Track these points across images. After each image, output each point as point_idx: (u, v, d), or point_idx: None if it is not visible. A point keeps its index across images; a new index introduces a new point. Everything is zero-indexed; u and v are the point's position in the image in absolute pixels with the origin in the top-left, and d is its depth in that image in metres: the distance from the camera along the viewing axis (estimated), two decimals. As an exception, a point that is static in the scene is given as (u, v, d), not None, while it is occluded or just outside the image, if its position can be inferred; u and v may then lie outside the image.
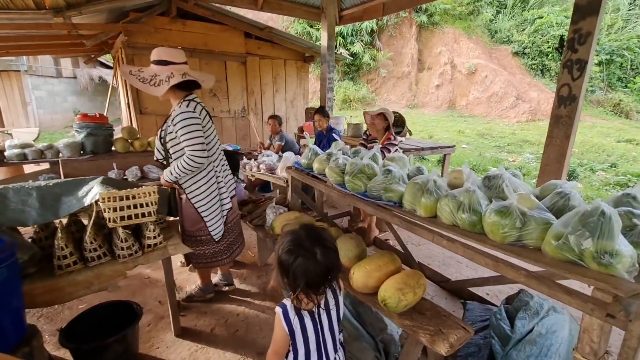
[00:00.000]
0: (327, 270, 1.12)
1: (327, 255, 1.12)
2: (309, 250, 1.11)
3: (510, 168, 5.63)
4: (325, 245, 1.14)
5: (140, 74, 1.95)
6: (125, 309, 1.76)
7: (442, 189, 1.68)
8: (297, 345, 1.18)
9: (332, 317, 1.24)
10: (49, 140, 9.59)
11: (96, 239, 1.57)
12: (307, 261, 1.09)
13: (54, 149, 3.77)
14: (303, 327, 1.17)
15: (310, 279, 1.09)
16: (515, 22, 18.02)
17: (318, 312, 1.20)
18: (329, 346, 1.24)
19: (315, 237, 1.16)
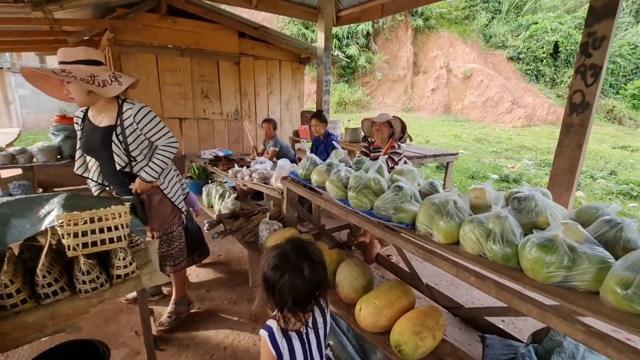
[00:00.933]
0: (315, 286, 1.06)
1: (314, 270, 1.06)
2: (296, 265, 1.04)
3: (511, 175, 5.37)
4: (313, 259, 1.08)
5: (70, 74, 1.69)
6: (91, 350, 1.48)
7: (464, 211, 1.45)
8: None
9: (320, 336, 1.18)
10: (32, 141, 9.17)
11: (51, 271, 1.29)
12: (294, 277, 1.03)
13: (27, 153, 3.46)
14: (291, 349, 1.09)
15: (298, 295, 1.03)
16: (510, 27, 18.08)
17: (306, 332, 1.14)
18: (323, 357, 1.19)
19: (302, 251, 1.09)
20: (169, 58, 5.88)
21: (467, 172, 7.13)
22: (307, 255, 1.08)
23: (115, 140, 1.86)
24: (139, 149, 1.93)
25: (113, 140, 1.86)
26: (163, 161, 1.97)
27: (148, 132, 1.91)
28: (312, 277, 1.05)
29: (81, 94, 1.79)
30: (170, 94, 6.01)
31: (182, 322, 2.17)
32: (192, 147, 6.29)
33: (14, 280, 1.22)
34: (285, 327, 1.10)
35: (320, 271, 1.09)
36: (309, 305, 1.10)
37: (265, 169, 3.12)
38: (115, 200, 1.77)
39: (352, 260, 1.78)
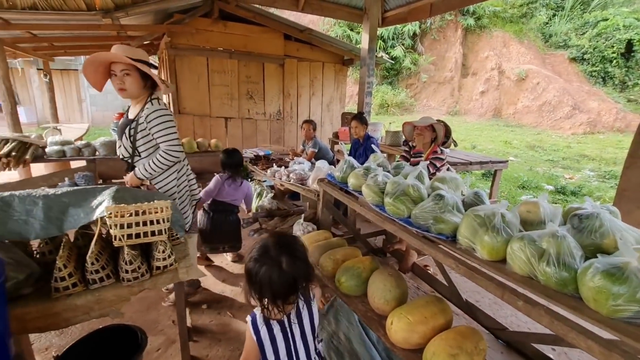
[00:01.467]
0: (293, 280, 1.08)
1: (294, 265, 1.07)
2: (274, 259, 1.08)
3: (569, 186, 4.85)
4: (294, 254, 1.10)
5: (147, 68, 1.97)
6: (130, 335, 1.58)
7: (514, 227, 1.32)
8: (266, 355, 1.15)
9: (304, 327, 1.21)
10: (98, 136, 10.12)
11: (99, 259, 1.39)
12: (271, 270, 1.06)
13: (91, 147, 3.80)
14: (272, 337, 1.15)
15: (276, 288, 1.06)
16: (574, 25, 16.51)
17: (289, 322, 1.18)
18: (302, 356, 1.20)
19: (283, 245, 1.12)
20: (219, 60, 6.17)
21: (517, 181, 6.61)
22: (287, 249, 1.10)
23: (126, 132, 2.02)
24: (145, 146, 2.02)
25: (125, 132, 2.03)
26: (157, 164, 1.97)
27: (155, 132, 1.96)
28: (290, 270, 1.06)
29: (137, 88, 1.98)
30: (218, 94, 6.30)
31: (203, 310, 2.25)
32: (235, 145, 6.51)
33: (67, 264, 1.33)
34: (267, 316, 1.14)
35: (300, 266, 1.10)
36: (289, 297, 1.11)
37: (303, 170, 3.13)
38: (159, 195, 1.87)
39: (386, 269, 1.70)
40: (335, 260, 1.93)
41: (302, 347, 1.20)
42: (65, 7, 4.46)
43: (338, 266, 1.89)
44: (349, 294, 1.78)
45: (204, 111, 6.29)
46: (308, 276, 1.14)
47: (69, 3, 4.41)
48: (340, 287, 1.79)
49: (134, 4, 4.80)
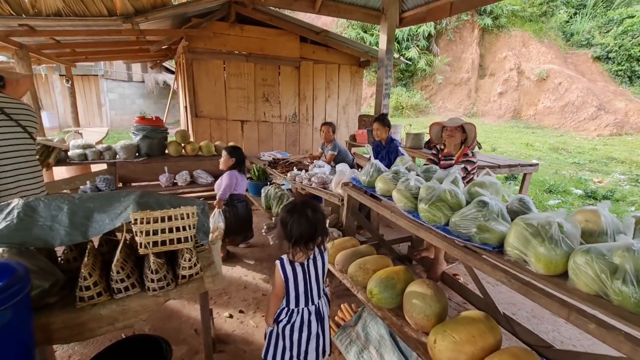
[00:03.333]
0: (315, 227, 1.44)
1: (315, 215, 1.46)
2: (302, 211, 1.45)
3: (599, 190, 4.57)
4: (315, 209, 1.49)
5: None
6: (154, 346, 1.51)
7: (574, 238, 1.19)
8: (289, 289, 1.49)
9: (318, 270, 1.55)
10: (117, 139, 10.34)
11: (124, 267, 1.33)
12: (300, 217, 1.43)
13: (112, 150, 3.82)
14: (295, 275, 1.48)
15: (303, 231, 1.42)
16: (597, 23, 15.96)
17: (307, 264, 1.51)
18: (314, 293, 1.55)
19: (307, 203, 1.51)
20: (235, 63, 6.17)
21: (543, 185, 6.34)
22: (311, 206, 1.50)
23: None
24: None
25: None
26: None
27: None
28: (313, 219, 1.45)
29: None
30: (235, 98, 6.30)
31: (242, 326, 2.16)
32: (251, 148, 6.51)
33: (92, 273, 1.28)
34: (292, 259, 1.50)
35: (320, 217, 1.49)
36: (310, 242, 1.46)
37: (325, 174, 3.03)
38: (184, 200, 1.81)
39: (423, 281, 1.59)
40: (365, 269, 1.82)
41: (315, 285, 1.56)
42: (87, 12, 4.53)
43: (369, 276, 1.79)
44: (383, 306, 1.67)
45: (221, 114, 6.30)
46: (325, 229, 1.52)
47: (91, 9, 4.48)
48: (372, 298, 1.69)
49: (154, 9, 4.84)
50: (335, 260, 2.05)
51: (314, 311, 1.55)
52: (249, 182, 3.76)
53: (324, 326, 1.61)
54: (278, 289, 1.49)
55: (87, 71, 12.09)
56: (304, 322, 1.53)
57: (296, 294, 1.49)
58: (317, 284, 1.55)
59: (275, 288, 1.50)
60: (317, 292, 1.56)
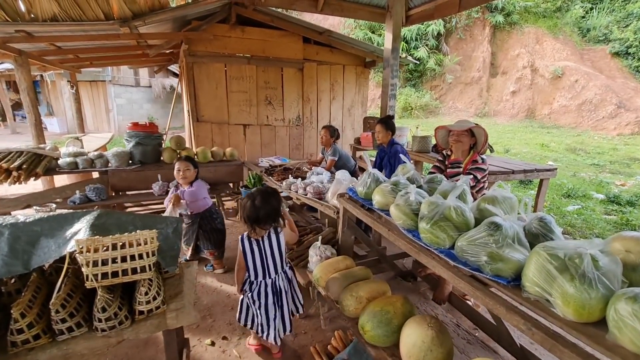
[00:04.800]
0: (259, 212, 1.74)
1: (262, 203, 1.75)
2: (253, 198, 1.77)
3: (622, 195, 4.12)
4: (265, 198, 1.77)
5: None
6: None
7: (613, 277, 0.94)
8: (247, 261, 1.81)
9: (273, 248, 1.83)
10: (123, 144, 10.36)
11: (67, 304, 1.14)
12: (251, 203, 1.76)
13: (104, 158, 3.69)
14: (252, 250, 1.81)
15: (251, 215, 1.75)
16: (615, 18, 15.30)
17: (263, 241, 1.81)
18: (271, 268, 1.83)
19: (261, 191, 1.82)
20: (237, 66, 6.02)
21: (560, 189, 5.96)
22: (261, 194, 1.79)
23: None
24: None
25: None
26: None
27: None
28: (259, 205, 1.74)
29: None
30: (237, 101, 6.14)
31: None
32: (254, 152, 6.34)
33: (26, 313, 1.08)
34: (251, 235, 1.81)
35: (266, 206, 1.75)
36: (259, 223, 1.76)
37: (322, 182, 2.81)
38: (153, 220, 1.61)
39: (424, 319, 1.34)
40: (358, 298, 1.59)
41: (272, 261, 1.83)
42: (84, 17, 4.44)
43: (362, 306, 1.56)
44: (377, 344, 1.44)
45: (222, 118, 6.15)
46: (272, 214, 1.78)
47: (87, 13, 4.38)
48: (364, 335, 1.45)
49: (152, 12, 4.72)
50: (326, 284, 1.83)
51: (270, 284, 1.84)
52: (244, 189, 3.57)
53: (281, 299, 1.87)
54: (240, 261, 1.84)
55: (95, 77, 12.19)
56: (261, 293, 1.83)
57: (254, 266, 1.81)
58: (273, 260, 1.83)
59: (238, 260, 1.84)
60: (274, 268, 1.84)
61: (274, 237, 1.82)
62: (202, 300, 2.53)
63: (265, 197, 1.76)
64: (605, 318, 0.91)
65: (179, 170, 2.72)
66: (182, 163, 2.75)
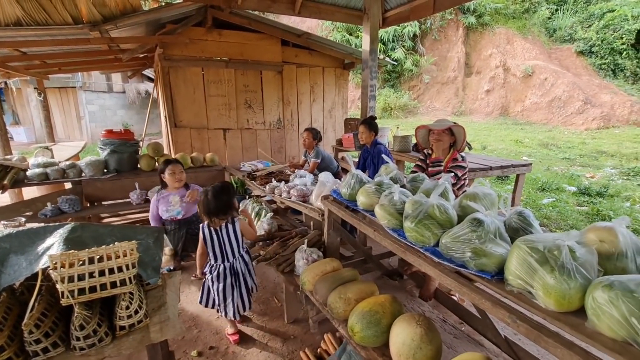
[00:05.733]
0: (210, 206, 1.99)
1: (214, 198, 1.98)
2: (206, 193, 2.00)
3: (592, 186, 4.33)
4: (216, 193, 2.00)
5: None
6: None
7: (590, 266, 0.98)
8: (208, 247, 2.07)
9: (230, 235, 2.07)
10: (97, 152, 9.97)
11: (42, 323, 1.08)
12: (205, 198, 2.00)
13: (76, 167, 3.54)
14: (211, 237, 2.05)
15: (203, 207, 2.01)
16: (579, 18, 16.13)
17: (220, 230, 2.05)
18: (229, 253, 2.08)
19: (215, 187, 2.03)
20: (215, 70, 5.92)
21: (535, 183, 6.20)
22: (214, 189, 2.01)
23: None
24: None
25: None
26: None
27: None
28: (211, 200, 1.97)
29: None
30: (215, 105, 6.04)
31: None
32: (235, 157, 6.25)
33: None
34: (210, 225, 2.04)
35: (217, 201, 1.98)
36: (214, 215, 2.00)
37: (305, 185, 2.80)
38: (133, 230, 1.55)
39: (412, 317, 1.35)
40: (346, 300, 1.59)
41: (229, 247, 2.07)
42: (50, 21, 4.25)
43: (350, 307, 1.55)
44: (366, 345, 1.44)
45: (201, 123, 6.02)
46: (222, 208, 2.00)
47: (54, 17, 4.20)
48: (354, 336, 1.45)
49: (123, 15, 4.57)
50: (313, 287, 1.81)
51: (228, 267, 2.07)
52: (226, 195, 3.50)
53: (239, 280, 2.10)
54: (201, 246, 2.09)
55: (64, 83, 11.68)
56: (220, 275, 2.05)
57: (214, 251, 2.05)
58: (231, 246, 2.07)
59: (199, 246, 2.10)
60: (232, 252, 2.08)
61: (231, 226, 2.06)
62: (186, 310, 2.47)
63: (216, 192, 1.98)
64: (584, 307, 0.94)
65: (173, 173, 2.65)
66: (176, 166, 2.71)
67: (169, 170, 2.66)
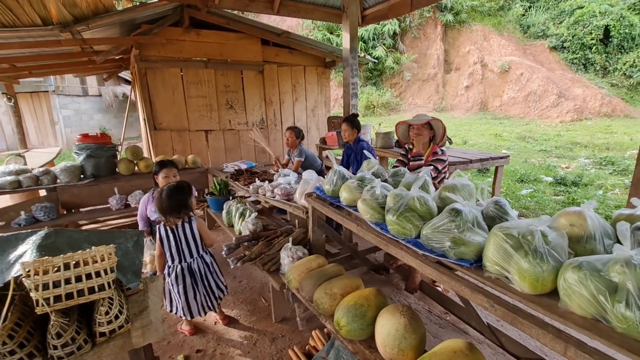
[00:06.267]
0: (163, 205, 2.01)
1: (168, 198, 2.01)
2: (161, 193, 2.04)
3: (568, 176, 4.51)
4: (170, 193, 2.02)
5: None
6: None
7: (561, 250, 1.02)
8: (164, 247, 2.06)
9: (187, 234, 2.08)
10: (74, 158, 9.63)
11: (16, 333, 1.03)
12: (159, 197, 2.03)
13: (51, 174, 3.41)
14: (167, 236, 2.05)
15: (158, 206, 2.04)
16: (551, 15, 16.71)
17: (177, 229, 2.06)
18: (186, 253, 2.09)
19: (170, 186, 2.06)
20: (194, 70, 5.82)
21: (514, 174, 6.40)
22: (169, 189, 2.03)
23: None
24: None
25: None
26: None
27: None
28: (165, 199, 2.00)
29: None
30: (196, 107, 5.94)
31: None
32: (219, 158, 6.17)
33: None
34: (166, 224, 2.05)
35: (171, 201, 2.00)
36: (169, 214, 2.03)
37: (289, 184, 2.79)
38: (110, 234, 1.51)
39: (396, 308, 1.37)
40: (332, 295, 1.60)
41: (187, 247, 2.08)
42: (18, 22, 4.08)
43: (336, 302, 1.56)
44: (353, 338, 1.45)
45: (182, 125, 5.91)
46: (176, 207, 2.03)
47: (22, 18, 4.03)
48: (341, 330, 1.46)
49: (96, 16, 4.43)
50: (299, 284, 1.82)
51: (186, 267, 2.07)
52: (209, 197, 3.46)
53: (196, 280, 2.09)
54: (158, 247, 2.07)
55: (35, 87, 11.22)
56: (179, 276, 2.04)
57: (170, 251, 2.05)
58: (188, 245, 2.08)
59: (157, 246, 2.08)
60: (189, 252, 2.09)
61: (187, 225, 2.07)
62: (172, 314, 2.42)
63: (170, 192, 2.01)
64: (556, 288, 0.98)
65: (166, 177, 2.57)
66: (170, 170, 2.62)
67: (163, 173, 2.60)
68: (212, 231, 4.13)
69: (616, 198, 4.96)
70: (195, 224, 2.11)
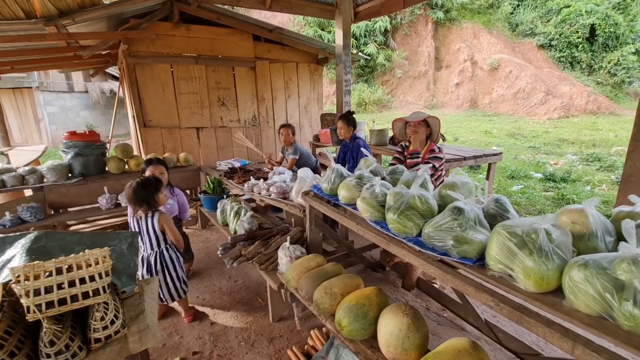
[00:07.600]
0: (131, 197, 2.17)
1: (136, 191, 2.16)
2: (129, 187, 2.18)
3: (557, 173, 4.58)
4: (139, 186, 2.17)
5: None
6: None
7: (566, 248, 1.02)
8: None
9: (148, 228, 2.21)
10: (60, 157, 9.37)
11: (6, 342, 0.99)
12: (128, 189, 2.17)
13: (37, 173, 3.30)
14: (135, 225, 2.24)
15: (128, 197, 2.18)
16: (539, 13, 16.96)
17: (142, 221, 2.21)
18: (147, 244, 2.24)
19: (139, 181, 2.20)
20: (184, 66, 5.71)
21: (505, 171, 6.49)
22: (139, 183, 2.17)
23: None
24: None
25: None
26: None
27: None
28: (132, 191, 2.15)
29: None
30: (187, 104, 5.83)
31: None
32: (210, 156, 6.08)
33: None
34: (134, 214, 2.22)
35: (138, 194, 2.16)
36: (137, 205, 2.18)
37: (285, 182, 2.76)
38: (105, 236, 1.46)
39: (399, 307, 1.37)
40: (332, 295, 1.58)
41: (147, 239, 2.22)
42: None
43: (337, 302, 1.55)
44: (355, 338, 1.44)
45: (173, 122, 5.80)
46: (139, 201, 2.17)
47: (3, 11, 3.88)
48: (342, 330, 1.45)
49: (82, 10, 4.29)
50: (298, 284, 1.80)
51: (145, 257, 2.25)
52: (203, 196, 3.40)
53: (151, 272, 2.22)
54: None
55: (18, 84, 10.86)
56: (144, 260, 2.24)
57: (142, 240, 2.23)
58: (149, 238, 2.21)
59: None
60: (150, 245, 2.22)
61: (149, 220, 2.19)
62: (166, 316, 2.38)
63: (137, 186, 2.14)
64: (561, 286, 0.98)
65: (152, 174, 2.53)
66: (156, 167, 2.59)
67: (149, 171, 2.57)
68: (205, 230, 4.08)
69: (603, 194, 5.08)
70: (156, 219, 2.19)
